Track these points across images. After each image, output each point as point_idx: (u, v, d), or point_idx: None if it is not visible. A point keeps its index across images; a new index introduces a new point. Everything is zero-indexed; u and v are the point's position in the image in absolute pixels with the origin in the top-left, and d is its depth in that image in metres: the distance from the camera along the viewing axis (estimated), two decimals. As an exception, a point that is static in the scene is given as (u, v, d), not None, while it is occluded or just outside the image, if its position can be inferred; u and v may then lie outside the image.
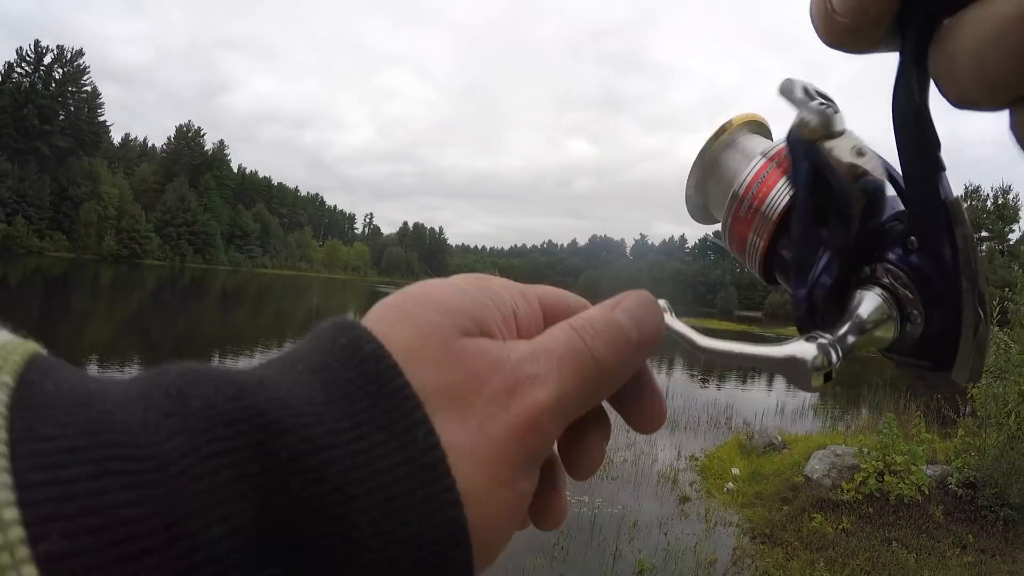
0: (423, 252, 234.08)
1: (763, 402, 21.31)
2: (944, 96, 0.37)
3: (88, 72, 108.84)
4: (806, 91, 0.51)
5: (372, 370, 0.36)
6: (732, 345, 0.48)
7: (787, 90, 0.52)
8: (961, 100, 0.36)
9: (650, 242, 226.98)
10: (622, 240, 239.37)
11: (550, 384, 0.41)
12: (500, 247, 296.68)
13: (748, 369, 32.64)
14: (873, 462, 9.89)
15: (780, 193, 0.51)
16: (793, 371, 0.43)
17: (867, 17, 0.39)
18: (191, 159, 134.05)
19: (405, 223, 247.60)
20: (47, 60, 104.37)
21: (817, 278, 0.48)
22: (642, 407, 0.50)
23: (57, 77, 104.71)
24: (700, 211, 0.62)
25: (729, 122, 0.57)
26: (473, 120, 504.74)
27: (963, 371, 0.41)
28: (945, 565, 7.82)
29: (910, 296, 0.43)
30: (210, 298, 54.95)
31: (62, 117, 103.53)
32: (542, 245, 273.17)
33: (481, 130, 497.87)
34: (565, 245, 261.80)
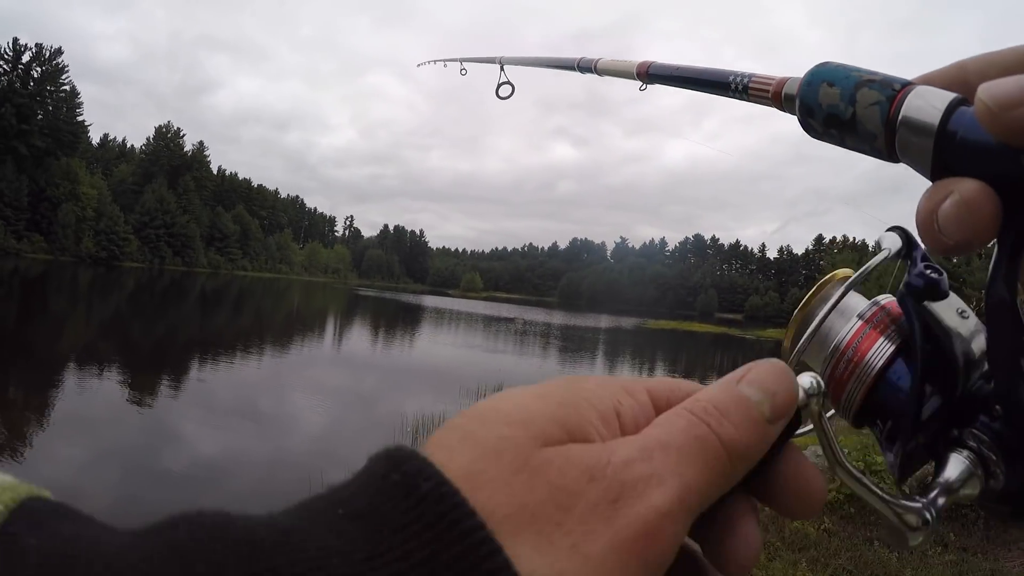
0: (404, 255, 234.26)
1: (741, 406, 21.41)
2: None
3: (67, 71, 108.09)
4: (911, 248, 0.53)
5: (431, 512, 0.30)
6: (863, 480, 0.48)
7: (895, 247, 0.54)
8: None
9: (631, 245, 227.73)
10: (603, 243, 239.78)
11: (669, 482, 0.35)
12: (481, 250, 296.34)
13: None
14: (854, 462, 9.94)
15: (877, 353, 0.52)
16: (894, 535, 0.46)
17: (971, 244, 0.44)
18: (170, 160, 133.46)
19: (386, 225, 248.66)
20: (25, 59, 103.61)
21: (913, 437, 0.50)
22: (787, 488, 0.45)
23: (35, 76, 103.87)
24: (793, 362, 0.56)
25: (826, 279, 0.58)
26: (455, 122, 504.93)
27: None
28: (927, 564, 7.88)
29: (993, 458, 0.46)
30: (190, 300, 54.76)
31: (40, 116, 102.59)
32: (523, 248, 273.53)
33: (463, 132, 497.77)
34: (546, 248, 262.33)
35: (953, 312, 0.50)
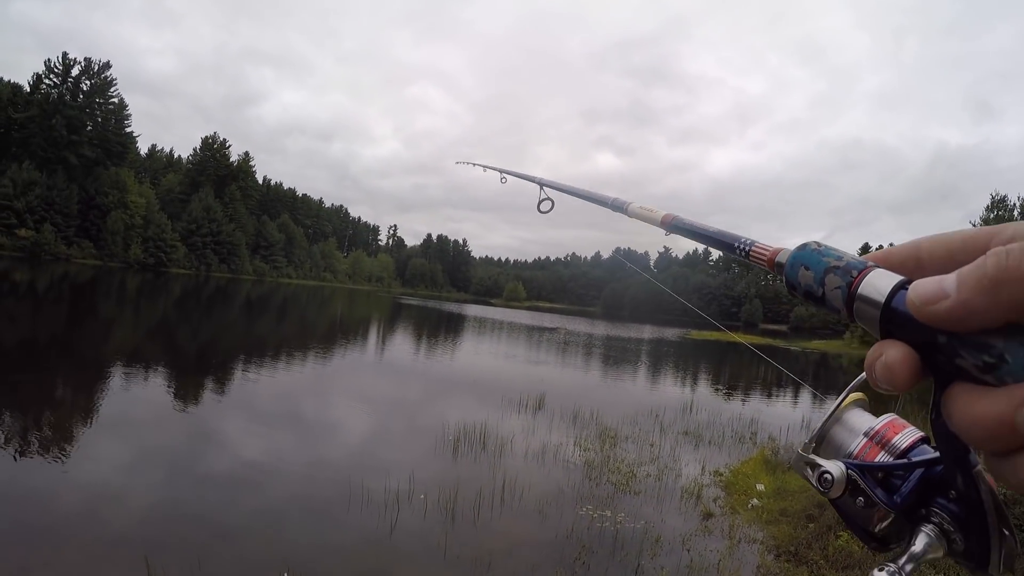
0: (447, 264, 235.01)
1: (789, 416, 21.06)
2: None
3: (115, 84, 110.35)
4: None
5: None
6: None
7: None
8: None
9: (674, 255, 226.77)
10: (646, 253, 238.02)
11: None
12: (524, 259, 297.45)
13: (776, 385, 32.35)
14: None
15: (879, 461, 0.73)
16: None
17: (896, 390, 0.58)
18: (217, 170, 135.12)
19: (429, 235, 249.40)
20: (75, 72, 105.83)
21: (895, 516, 0.70)
22: None
23: (85, 89, 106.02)
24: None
25: (845, 402, 0.78)
26: (499, 132, 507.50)
27: (996, 571, 0.61)
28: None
29: (953, 530, 0.64)
30: (235, 307, 55.14)
31: (90, 128, 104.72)
32: (566, 258, 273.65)
33: (507, 142, 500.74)
34: (588, 258, 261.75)
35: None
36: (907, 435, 0.73)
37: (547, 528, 9.55)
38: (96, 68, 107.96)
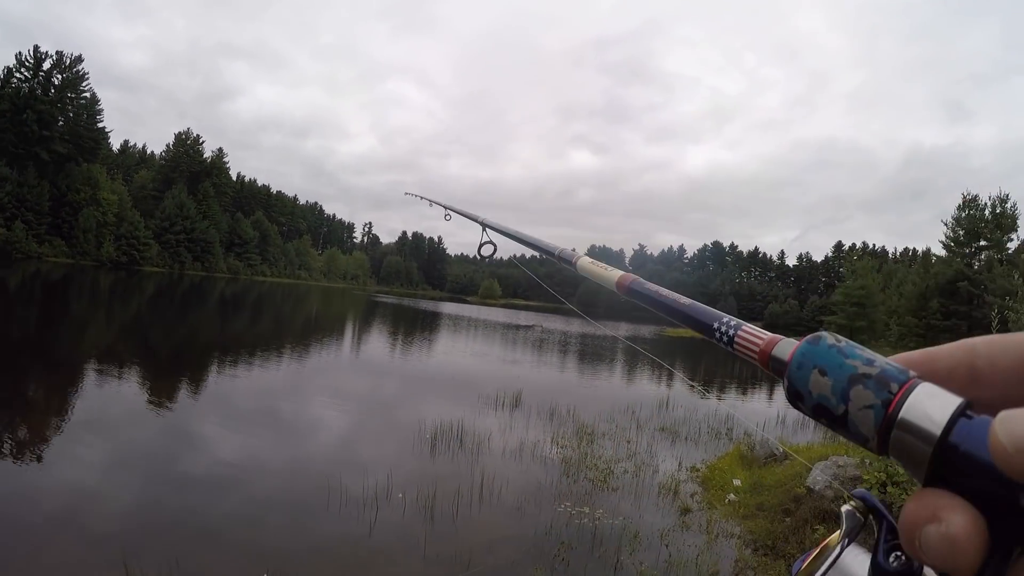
0: (422, 261, 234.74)
1: (764, 412, 21.21)
2: None
3: (87, 78, 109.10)
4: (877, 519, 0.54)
5: None
6: None
7: (854, 528, 0.57)
8: None
9: (649, 252, 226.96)
10: (621, 250, 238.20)
11: None
12: (499, 257, 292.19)
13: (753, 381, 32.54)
14: (875, 473, 9.73)
15: None
16: None
17: (958, 571, 0.38)
18: (190, 166, 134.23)
19: (404, 232, 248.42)
20: (46, 66, 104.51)
21: None
22: None
23: (56, 83, 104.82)
24: None
25: (825, 544, 0.58)
26: (475, 130, 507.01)
27: None
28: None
29: None
30: (209, 305, 54.88)
31: (61, 123, 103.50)
32: (540, 256, 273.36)
33: (483, 140, 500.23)
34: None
35: None
36: None
37: (526, 525, 9.59)
38: (68, 62, 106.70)
